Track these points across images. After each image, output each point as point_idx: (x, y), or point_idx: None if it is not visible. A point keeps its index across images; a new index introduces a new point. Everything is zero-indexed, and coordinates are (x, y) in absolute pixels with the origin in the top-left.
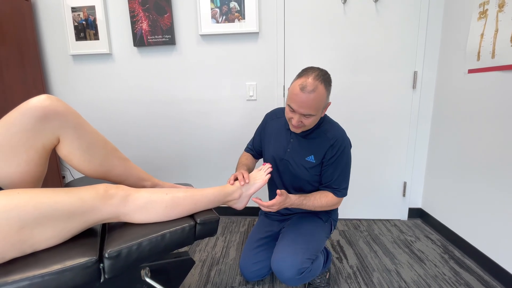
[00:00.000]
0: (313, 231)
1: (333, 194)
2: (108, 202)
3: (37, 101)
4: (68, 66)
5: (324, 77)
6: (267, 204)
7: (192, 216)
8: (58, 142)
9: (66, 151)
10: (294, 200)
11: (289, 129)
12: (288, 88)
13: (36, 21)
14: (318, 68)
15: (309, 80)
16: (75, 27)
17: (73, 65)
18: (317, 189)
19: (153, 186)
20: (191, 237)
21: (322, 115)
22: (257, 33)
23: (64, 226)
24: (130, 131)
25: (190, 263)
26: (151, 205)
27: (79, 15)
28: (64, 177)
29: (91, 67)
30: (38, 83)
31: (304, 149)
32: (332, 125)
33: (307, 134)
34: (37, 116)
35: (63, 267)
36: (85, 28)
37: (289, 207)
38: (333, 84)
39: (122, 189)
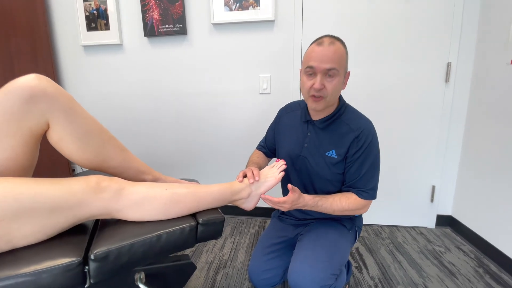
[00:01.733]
0: (336, 240)
1: (357, 195)
2: (99, 196)
3: (25, 81)
4: (79, 57)
5: (340, 39)
6: (277, 200)
7: (194, 216)
8: (48, 127)
9: (57, 137)
10: (308, 201)
11: (306, 121)
12: (303, 57)
13: (48, 12)
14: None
15: (325, 38)
16: (86, 17)
17: (85, 56)
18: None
19: (154, 180)
20: (192, 239)
21: (344, 86)
22: (273, 21)
23: (47, 221)
24: (138, 124)
25: (191, 268)
26: (147, 201)
27: (90, 4)
28: (74, 170)
29: (102, 58)
30: (50, 75)
31: (324, 143)
32: (355, 114)
33: (327, 125)
34: (24, 96)
35: (41, 269)
36: (96, 18)
37: (302, 208)
38: (355, 75)
39: (116, 182)
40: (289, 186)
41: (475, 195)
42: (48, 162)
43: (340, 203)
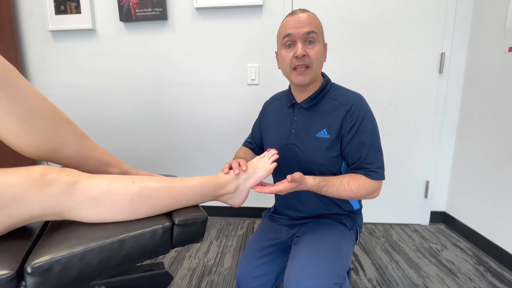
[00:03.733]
0: (338, 244)
1: (366, 176)
2: (44, 191)
3: None
4: (46, 44)
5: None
6: (270, 190)
7: (169, 215)
8: None
9: None
10: (311, 185)
11: (291, 106)
12: (278, 33)
13: None
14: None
15: (296, 10)
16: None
17: (52, 43)
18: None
19: (121, 173)
20: (166, 244)
21: (325, 58)
22: (261, 6)
23: None
24: (115, 118)
25: (166, 278)
26: (109, 197)
27: None
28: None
29: (73, 44)
30: (13, 63)
31: (313, 124)
32: (343, 90)
33: (313, 105)
34: None
35: None
36: (66, 0)
37: (303, 189)
38: (345, 64)
39: (68, 174)
40: (288, 178)
41: (469, 190)
42: (11, 156)
43: (349, 187)
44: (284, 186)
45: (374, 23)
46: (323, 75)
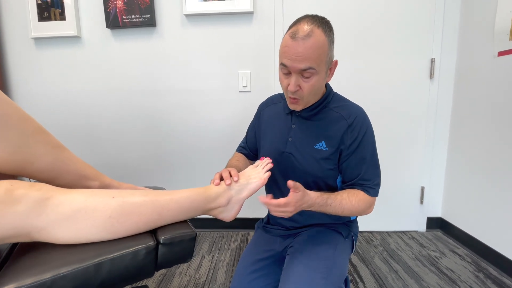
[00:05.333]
0: (333, 253)
1: (364, 192)
2: (10, 208)
3: None
4: (29, 52)
5: (321, 21)
6: (277, 202)
7: (153, 232)
8: None
9: None
10: (316, 199)
11: (289, 112)
12: (279, 48)
13: None
14: (314, 15)
15: (302, 25)
16: (38, 6)
17: (35, 50)
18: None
19: (102, 187)
20: (150, 266)
21: (329, 79)
22: (251, 12)
23: None
24: (102, 127)
25: None
26: (84, 214)
27: None
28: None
29: (57, 52)
30: None
31: (311, 134)
32: (345, 102)
33: (313, 114)
34: None
35: None
36: (50, 6)
37: (308, 209)
38: (337, 72)
39: (38, 189)
40: (290, 182)
41: (464, 194)
42: None
43: (350, 201)
44: (291, 197)
45: (364, 31)
46: (325, 85)
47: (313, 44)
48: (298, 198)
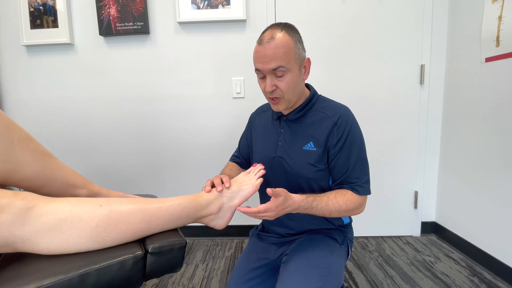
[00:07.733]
0: (329, 259)
1: (352, 191)
2: None
3: None
4: (20, 59)
5: (284, 25)
6: (257, 209)
7: (142, 241)
8: None
9: None
10: (300, 202)
11: (277, 118)
12: None
13: None
14: (278, 22)
15: (266, 32)
16: (31, 13)
17: (27, 58)
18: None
19: (91, 196)
20: (138, 276)
21: (305, 77)
22: (244, 20)
23: None
24: (94, 135)
25: None
26: (70, 224)
27: None
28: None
29: (49, 60)
30: None
31: (299, 136)
32: (330, 102)
33: (299, 117)
34: None
35: None
36: (42, 14)
37: (293, 212)
38: (327, 78)
39: (22, 198)
40: (268, 190)
41: (456, 198)
42: None
43: (337, 201)
44: (270, 203)
45: (355, 38)
46: (309, 87)
47: (277, 44)
48: (279, 203)
